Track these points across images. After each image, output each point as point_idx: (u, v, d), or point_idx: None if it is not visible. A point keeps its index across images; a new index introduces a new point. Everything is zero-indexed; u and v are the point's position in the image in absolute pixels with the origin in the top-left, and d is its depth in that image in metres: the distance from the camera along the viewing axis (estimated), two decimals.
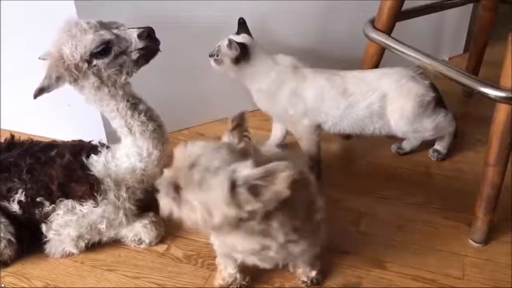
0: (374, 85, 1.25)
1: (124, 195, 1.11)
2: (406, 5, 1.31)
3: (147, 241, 1.16)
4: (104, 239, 1.14)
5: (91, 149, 1.14)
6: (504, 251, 1.14)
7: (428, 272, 1.10)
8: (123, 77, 1.03)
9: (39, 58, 1.05)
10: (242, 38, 1.27)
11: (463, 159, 1.41)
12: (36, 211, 1.09)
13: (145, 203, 1.19)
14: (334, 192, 1.31)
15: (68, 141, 1.18)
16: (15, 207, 1.09)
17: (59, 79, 1.00)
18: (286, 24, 1.51)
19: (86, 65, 0.99)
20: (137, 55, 1.02)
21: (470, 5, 1.72)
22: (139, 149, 1.09)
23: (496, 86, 1.03)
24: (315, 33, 1.59)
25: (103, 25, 1.01)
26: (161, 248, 1.17)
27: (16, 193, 1.09)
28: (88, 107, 1.35)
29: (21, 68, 1.39)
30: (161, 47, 1.06)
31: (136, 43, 1.01)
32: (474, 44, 1.59)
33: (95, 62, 0.99)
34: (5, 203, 1.09)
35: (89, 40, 0.98)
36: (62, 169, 1.09)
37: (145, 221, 1.16)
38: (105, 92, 1.03)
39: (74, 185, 1.09)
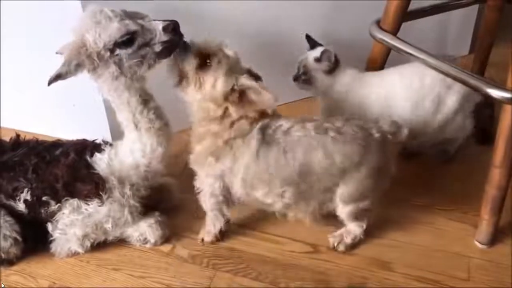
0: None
1: (128, 192, 1.11)
2: (412, 6, 1.30)
3: (152, 240, 1.16)
4: (110, 238, 1.15)
5: (94, 147, 1.14)
6: (509, 253, 1.14)
7: (433, 273, 1.10)
8: (144, 69, 1.01)
9: (57, 53, 1.04)
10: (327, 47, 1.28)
11: (470, 161, 1.40)
12: (42, 210, 1.10)
13: (150, 202, 1.19)
14: None
15: (72, 140, 1.18)
16: (21, 206, 1.10)
17: (78, 67, 0.98)
18: (291, 25, 1.50)
19: (108, 53, 0.98)
20: (160, 47, 1.00)
21: (476, 6, 1.71)
22: (143, 145, 1.09)
23: (502, 87, 1.03)
24: (320, 33, 1.59)
25: (128, 15, 0.99)
26: (166, 248, 1.17)
27: (22, 192, 1.09)
28: (94, 106, 1.37)
29: (24, 67, 1.40)
30: None
31: (161, 36, 0.99)
32: (480, 45, 1.58)
33: (118, 51, 0.98)
34: (11, 202, 1.10)
35: (114, 29, 0.96)
36: (67, 168, 1.09)
37: (151, 221, 1.16)
38: (122, 83, 1.02)
39: (79, 184, 1.09)
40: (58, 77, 0.98)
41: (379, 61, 1.37)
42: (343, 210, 1.07)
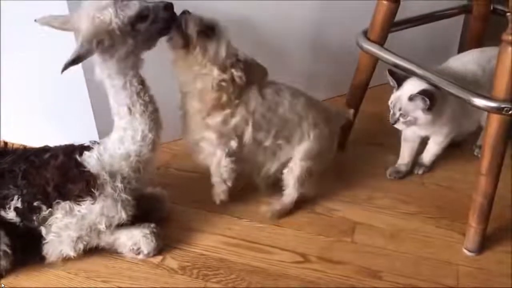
0: None
1: (120, 185, 1.11)
2: (399, 16, 1.32)
3: (145, 251, 1.15)
4: (103, 243, 1.14)
5: (83, 148, 1.14)
6: (497, 260, 1.15)
7: (422, 281, 1.10)
8: (151, 44, 1.08)
9: (35, 21, 1.06)
10: (418, 85, 1.22)
11: (457, 168, 1.42)
12: (34, 217, 1.09)
13: (140, 212, 1.18)
14: (328, 202, 1.32)
15: (60, 145, 1.17)
16: (11, 215, 1.08)
17: (98, 44, 1.00)
18: (279, 35, 1.52)
19: (129, 28, 1.02)
20: (162, 24, 1.06)
21: (462, 16, 1.74)
22: (134, 132, 1.10)
23: (488, 97, 1.04)
24: (309, 43, 1.61)
25: None
26: (156, 259, 1.16)
27: (12, 199, 1.08)
28: (80, 114, 1.37)
29: (9, 78, 1.39)
30: (157, 58, 1.08)
31: (163, 14, 1.06)
32: None
33: (138, 26, 1.03)
34: (1, 212, 1.08)
35: (136, 4, 1.02)
36: (57, 170, 1.09)
37: (146, 231, 1.15)
38: (130, 61, 1.06)
39: (70, 184, 1.08)
40: (76, 60, 0.99)
41: (367, 71, 1.38)
42: (295, 169, 1.23)
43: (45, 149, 1.16)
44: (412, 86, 1.23)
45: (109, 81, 1.07)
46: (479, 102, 1.06)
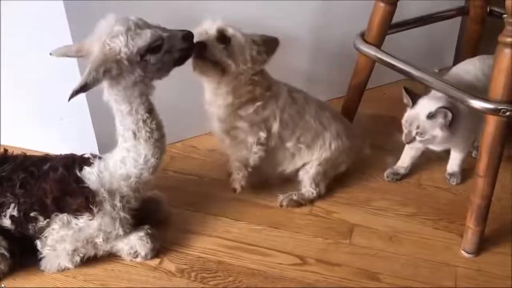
0: None
1: (119, 204, 1.10)
2: (396, 18, 1.32)
3: (143, 253, 1.15)
4: (100, 253, 1.14)
5: (83, 161, 1.13)
6: (495, 262, 1.15)
7: (420, 283, 1.10)
8: (162, 74, 1.05)
9: (51, 54, 1.05)
10: (434, 102, 1.22)
11: None
12: (30, 226, 1.08)
13: (139, 215, 1.18)
14: (326, 203, 1.32)
15: (60, 155, 1.18)
16: (6, 222, 1.08)
17: (106, 73, 0.98)
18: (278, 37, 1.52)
19: (138, 58, 1.00)
20: (179, 54, 1.04)
21: (459, 19, 1.74)
22: (137, 155, 1.09)
23: (485, 98, 1.05)
24: (307, 45, 1.61)
25: (148, 24, 1.03)
26: (154, 262, 1.16)
27: (8, 208, 1.08)
28: (81, 120, 1.37)
29: (9, 81, 1.39)
30: None
31: (180, 44, 1.04)
32: (463, 56, 1.61)
33: (148, 56, 1.01)
34: None
35: (148, 34, 0.99)
36: (56, 183, 1.09)
37: (141, 234, 1.15)
38: (138, 89, 1.03)
39: (69, 198, 1.08)
40: (83, 88, 0.96)
41: (364, 73, 1.39)
42: (310, 170, 1.29)
43: (45, 158, 1.16)
44: (429, 104, 1.22)
45: (115, 105, 1.06)
46: (476, 103, 1.06)
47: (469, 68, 1.32)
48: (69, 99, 0.96)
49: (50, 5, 1.21)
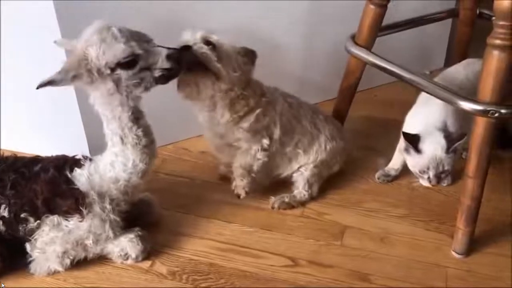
0: None
1: (108, 206, 1.10)
2: (386, 20, 1.33)
3: (133, 255, 1.15)
4: (90, 255, 1.13)
5: (74, 162, 1.13)
6: (486, 262, 1.16)
7: (412, 284, 1.11)
8: (140, 90, 1.03)
9: (55, 42, 1.05)
10: (440, 138, 1.19)
11: None
12: (20, 228, 1.08)
13: (130, 217, 1.18)
14: (318, 205, 1.32)
15: (51, 156, 1.17)
16: None
17: (75, 78, 0.98)
18: (269, 40, 1.52)
19: (108, 71, 0.99)
20: (160, 73, 1.01)
21: (450, 20, 1.76)
22: (126, 160, 1.09)
23: (474, 100, 1.05)
24: (298, 48, 1.61)
25: (134, 36, 1.00)
26: (146, 264, 1.16)
27: None
28: (72, 123, 1.36)
29: (1, 84, 1.38)
30: None
31: (163, 63, 1.01)
32: (454, 58, 1.62)
33: (118, 71, 0.99)
34: None
35: (119, 49, 0.97)
36: (47, 184, 1.08)
37: (131, 235, 1.15)
38: (117, 99, 1.02)
39: (59, 200, 1.08)
40: (50, 82, 0.97)
41: (355, 75, 1.39)
42: (305, 172, 1.30)
43: (36, 160, 1.15)
44: (437, 143, 1.19)
45: (99, 109, 1.05)
46: (465, 105, 1.07)
47: (455, 75, 1.33)
48: (37, 88, 0.96)
49: (39, 4, 1.21)
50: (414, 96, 1.34)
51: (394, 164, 1.40)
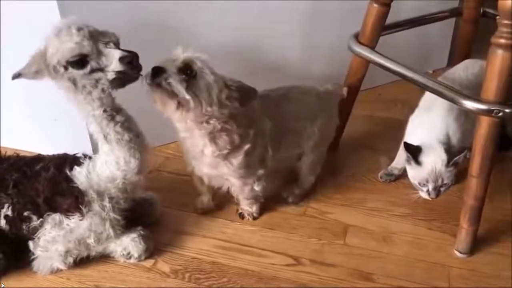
0: None
1: (108, 205, 1.10)
2: (390, 19, 1.33)
3: (136, 255, 1.15)
4: (93, 254, 1.13)
5: (74, 161, 1.13)
6: (489, 262, 1.15)
7: (414, 283, 1.11)
8: (97, 91, 1.01)
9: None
10: (441, 150, 1.19)
11: None
12: (24, 226, 1.08)
13: (132, 216, 1.18)
14: (320, 204, 1.32)
15: (53, 155, 1.17)
16: (1, 222, 1.08)
17: (37, 73, 1.00)
18: (272, 39, 1.52)
19: (62, 69, 0.99)
20: (114, 76, 1.00)
21: (453, 19, 1.75)
22: (117, 158, 1.08)
23: (477, 99, 1.05)
24: (301, 47, 1.61)
25: (93, 36, 0.99)
26: (148, 263, 1.16)
27: (3, 207, 1.08)
28: (75, 121, 1.36)
29: (1, 82, 1.39)
30: (147, 58, 1.02)
31: (115, 65, 0.99)
32: (457, 57, 1.61)
33: (70, 70, 0.99)
34: None
35: (68, 48, 0.97)
36: (48, 183, 1.08)
37: (133, 235, 1.15)
38: (81, 98, 1.02)
39: (59, 198, 1.08)
40: (19, 75, 1.00)
41: (358, 74, 1.39)
42: (306, 159, 1.29)
43: (37, 159, 1.15)
44: (438, 156, 1.18)
45: (73, 107, 1.05)
46: (469, 104, 1.06)
47: (454, 76, 1.32)
48: (12, 79, 0.99)
49: (44, 4, 1.21)
50: (417, 95, 1.34)
51: (397, 163, 1.39)
